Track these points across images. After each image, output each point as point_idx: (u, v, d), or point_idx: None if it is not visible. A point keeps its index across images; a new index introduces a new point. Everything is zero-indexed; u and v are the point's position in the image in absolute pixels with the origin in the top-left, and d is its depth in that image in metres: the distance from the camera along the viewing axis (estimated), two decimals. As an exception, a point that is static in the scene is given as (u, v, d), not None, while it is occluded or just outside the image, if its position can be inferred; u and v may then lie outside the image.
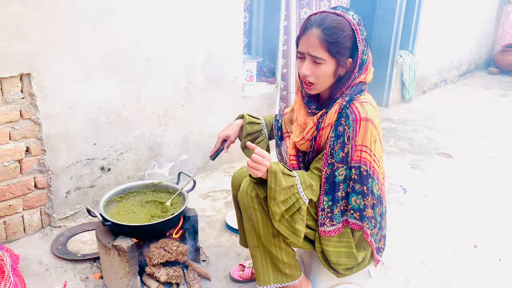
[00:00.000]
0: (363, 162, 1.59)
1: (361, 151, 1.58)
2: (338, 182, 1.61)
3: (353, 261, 1.70)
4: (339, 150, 1.59)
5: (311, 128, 1.69)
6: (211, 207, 2.75)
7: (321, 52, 1.56)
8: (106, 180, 2.60)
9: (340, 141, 1.58)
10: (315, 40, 1.55)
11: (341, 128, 1.59)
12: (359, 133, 1.56)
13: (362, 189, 1.61)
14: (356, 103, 1.60)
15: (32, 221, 2.36)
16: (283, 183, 1.52)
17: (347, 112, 1.59)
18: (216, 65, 2.95)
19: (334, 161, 1.60)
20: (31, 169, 2.27)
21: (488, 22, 7.03)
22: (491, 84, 6.61)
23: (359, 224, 1.65)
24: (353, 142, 1.57)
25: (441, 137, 4.26)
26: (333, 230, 1.65)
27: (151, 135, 2.74)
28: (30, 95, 2.16)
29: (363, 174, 1.60)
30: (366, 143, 1.58)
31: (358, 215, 1.64)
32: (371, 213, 1.65)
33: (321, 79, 1.61)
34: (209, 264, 2.22)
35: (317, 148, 1.69)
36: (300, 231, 1.60)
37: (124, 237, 1.86)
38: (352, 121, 1.57)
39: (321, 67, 1.58)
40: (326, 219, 1.64)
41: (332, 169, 1.61)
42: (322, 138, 1.65)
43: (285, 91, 3.68)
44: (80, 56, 2.27)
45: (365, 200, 1.62)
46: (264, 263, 1.73)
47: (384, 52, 4.96)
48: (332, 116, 1.62)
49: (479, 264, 2.31)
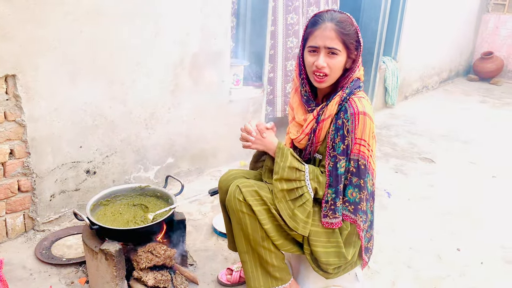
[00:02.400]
0: (361, 155, 1.63)
1: (360, 145, 1.63)
2: (340, 175, 1.65)
3: (342, 260, 1.73)
4: (339, 143, 1.63)
5: (311, 121, 1.72)
6: (197, 211, 2.74)
7: (337, 43, 1.62)
8: (91, 184, 2.57)
9: (340, 134, 1.63)
10: (331, 32, 1.61)
11: (340, 122, 1.63)
12: (358, 127, 1.61)
13: (359, 183, 1.65)
14: (354, 98, 1.65)
15: (15, 225, 2.31)
16: (289, 161, 1.63)
17: (346, 106, 1.64)
18: (204, 69, 2.95)
19: (336, 154, 1.64)
20: (15, 172, 2.23)
21: (467, 30, 7.20)
22: (470, 90, 6.76)
23: (352, 217, 1.69)
24: (352, 135, 1.62)
25: (423, 142, 4.34)
26: (336, 223, 1.69)
27: (137, 138, 2.72)
28: (15, 97, 2.12)
29: (361, 168, 1.64)
30: (365, 137, 1.62)
31: (352, 208, 1.68)
32: (365, 207, 1.69)
33: (334, 70, 1.66)
34: (196, 268, 2.21)
35: (315, 141, 1.72)
36: (298, 217, 1.64)
37: (111, 241, 1.84)
38: (350, 114, 1.61)
39: (336, 58, 1.64)
40: (330, 211, 1.68)
41: (335, 162, 1.65)
42: (322, 130, 1.69)
43: (272, 95, 3.70)
44: (67, 58, 2.25)
45: (361, 194, 1.67)
46: (254, 268, 1.74)
47: (368, 58, 5.03)
48: (333, 108, 1.66)
49: (462, 267, 2.36)
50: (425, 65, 6.26)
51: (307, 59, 1.69)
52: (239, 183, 1.67)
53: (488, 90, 6.87)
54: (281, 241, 1.69)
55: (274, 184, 1.63)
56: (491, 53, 7.28)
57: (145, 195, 2.15)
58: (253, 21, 3.45)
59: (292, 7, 3.56)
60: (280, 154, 1.64)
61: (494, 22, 7.42)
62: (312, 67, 1.66)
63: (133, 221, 1.97)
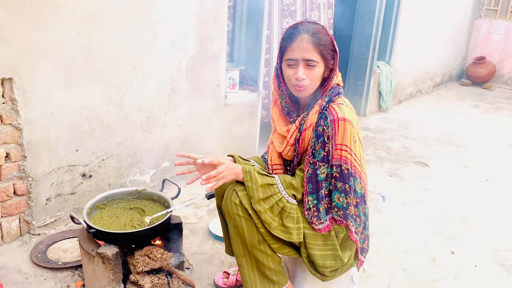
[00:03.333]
0: (343, 160, 1.64)
1: (341, 150, 1.64)
2: (321, 181, 1.66)
3: (339, 263, 1.74)
4: (320, 150, 1.64)
5: (293, 132, 1.74)
6: (194, 215, 2.74)
7: (315, 55, 1.64)
8: (87, 187, 2.57)
9: (321, 141, 1.64)
10: (308, 44, 1.63)
11: (321, 129, 1.64)
12: (338, 133, 1.62)
13: (344, 187, 1.66)
14: (333, 105, 1.67)
15: (10, 229, 2.31)
16: (259, 181, 1.63)
17: (325, 113, 1.65)
18: (200, 73, 2.96)
19: (316, 160, 1.65)
20: (11, 175, 2.22)
21: (460, 35, 7.28)
22: (464, 95, 6.83)
23: (344, 222, 1.71)
24: (333, 141, 1.63)
25: (417, 146, 4.37)
26: (323, 228, 1.70)
27: (133, 142, 2.72)
28: (12, 100, 2.12)
29: (345, 172, 1.65)
30: (346, 142, 1.63)
31: (342, 214, 1.69)
32: (355, 211, 1.71)
33: (313, 81, 1.69)
34: (193, 271, 2.21)
35: (300, 151, 1.73)
36: (290, 227, 1.65)
37: (108, 244, 1.84)
38: (330, 121, 1.62)
39: (315, 70, 1.67)
40: (314, 217, 1.69)
41: (314, 168, 1.66)
42: (305, 139, 1.71)
43: (267, 99, 3.72)
44: (63, 61, 2.25)
45: (348, 198, 1.68)
46: (251, 271, 1.75)
47: (362, 63, 5.07)
48: (313, 117, 1.68)
49: (456, 270, 2.38)
50: (419, 70, 6.32)
51: (286, 72, 1.71)
52: (235, 186, 1.68)
53: (481, 94, 6.94)
54: (277, 244, 1.70)
55: (256, 208, 1.62)
56: (483, 58, 7.36)
57: (141, 198, 2.15)
58: (248, 25, 3.47)
59: (288, 11, 3.59)
60: (248, 177, 1.64)
61: (487, 27, 7.50)
62: (292, 80, 1.69)
63: (130, 224, 1.96)
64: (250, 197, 1.62)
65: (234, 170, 1.68)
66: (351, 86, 5.18)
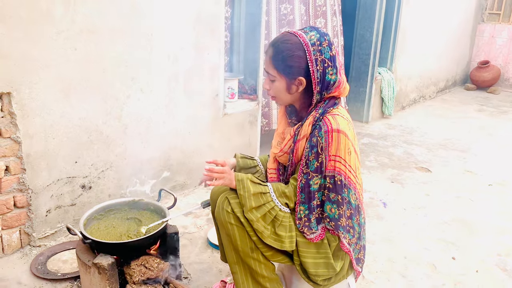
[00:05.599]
0: (337, 172, 1.64)
1: (335, 161, 1.63)
2: (313, 191, 1.66)
3: (331, 271, 1.73)
4: (313, 160, 1.64)
5: (288, 140, 1.75)
6: (193, 224, 2.75)
7: (272, 69, 1.68)
8: (87, 199, 2.59)
9: (314, 152, 1.64)
10: (268, 58, 1.69)
11: (315, 139, 1.64)
12: (332, 144, 1.62)
13: (337, 198, 1.66)
14: (328, 116, 1.66)
15: (11, 241, 2.33)
16: (252, 189, 1.64)
17: (320, 124, 1.65)
18: (198, 83, 2.99)
19: (309, 171, 1.65)
20: (11, 188, 2.25)
21: (463, 40, 7.26)
22: (468, 99, 6.79)
23: (336, 232, 1.70)
24: (326, 152, 1.62)
25: (420, 151, 4.35)
26: (315, 237, 1.70)
27: (133, 153, 2.75)
28: (10, 114, 2.16)
29: (338, 184, 1.65)
30: (340, 154, 1.63)
31: (333, 225, 1.69)
32: (347, 222, 1.70)
33: (278, 94, 1.73)
34: (190, 281, 2.21)
35: (295, 161, 1.74)
36: (282, 236, 1.66)
37: (104, 254, 1.86)
38: (324, 132, 1.62)
39: (275, 84, 1.71)
40: (305, 227, 1.68)
41: (307, 179, 1.66)
42: (299, 150, 1.71)
43: (267, 107, 3.74)
44: (61, 75, 2.29)
45: (340, 210, 1.67)
46: (245, 278, 1.75)
47: (363, 69, 5.08)
48: (307, 129, 1.68)
49: (457, 276, 2.36)
50: (422, 75, 6.30)
51: None
52: (227, 194, 1.70)
53: (486, 99, 6.89)
54: (270, 252, 1.70)
55: (248, 217, 1.63)
56: (487, 62, 7.32)
57: (138, 208, 2.16)
58: (246, 35, 3.50)
59: (285, 21, 3.62)
60: (241, 186, 1.65)
61: (490, 31, 7.47)
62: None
63: (126, 234, 1.98)
64: (242, 206, 1.63)
65: (230, 176, 1.70)
66: (353, 93, 5.19)
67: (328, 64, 1.64)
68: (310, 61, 1.62)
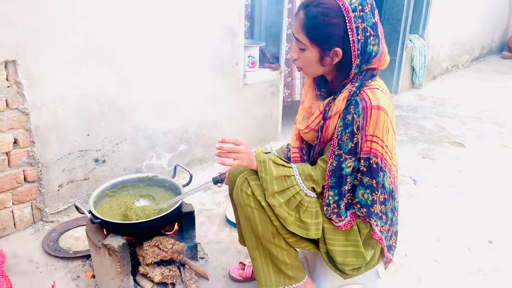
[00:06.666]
0: (373, 153, 1.45)
1: (372, 142, 1.44)
2: (345, 175, 1.48)
3: (361, 261, 1.58)
4: (347, 141, 1.45)
5: (317, 117, 1.56)
6: (211, 201, 2.62)
7: (302, 37, 1.46)
8: (101, 173, 2.48)
9: (349, 131, 1.44)
10: (298, 24, 1.46)
11: (350, 117, 1.44)
12: (370, 123, 1.42)
13: (371, 183, 1.48)
14: (367, 90, 1.45)
15: (22, 216, 2.25)
16: (274, 172, 1.47)
17: (357, 100, 1.44)
18: (216, 51, 2.80)
19: (342, 152, 1.46)
20: (20, 162, 2.15)
21: (500, 5, 6.78)
22: (505, 69, 6.39)
23: (367, 219, 1.53)
24: (363, 132, 1.43)
25: (452, 124, 4.09)
26: (344, 225, 1.54)
27: (148, 125, 2.61)
28: (16, 84, 2.03)
29: (373, 167, 1.46)
30: (378, 133, 1.44)
31: (365, 211, 1.51)
32: (381, 209, 1.52)
33: (307, 65, 1.52)
34: (207, 261, 2.10)
35: (323, 140, 1.55)
36: (307, 223, 1.50)
37: (115, 235, 1.74)
38: (362, 109, 1.42)
39: (304, 53, 1.49)
40: (333, 214, 1.52)
41: (339, 161, 1.47)
42: (329, 128, 1.51)
43: (290, 77, 3.53)
44: (70, 43, 2.14)
45: (374, 195, 1.49)
46: (265, 265, 1.61)
47: (393, 36, 4.77)
48: (340, 104, 1.48)
49: (495, 261, 2.17)
50: (455, 43, 5.93)
51: None
52: (247, 175, 1.53)
53: (524, 68, 6.48)
54: (294, 238, 1.55)
55: (270, 202, 1.47)
56: (527, 29, 6.86)
57: (152, 185, 2.03)
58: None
59: (310, -17, 3.35)
60: (263, 167, 1.47)
61: (531, -5, 6.96)
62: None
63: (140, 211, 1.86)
64: (263, 189, 1.47)
65: (250, 156, 1.52)
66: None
67: (370, 33, 1.42)
68: (350, 29, 1.40)
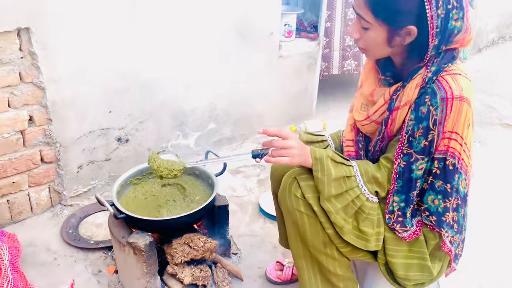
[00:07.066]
0: (450, 153, 1.19)
1: (450, 139, 1.18)
2: (415, 178, 1.23)
3: (426, 276, 1.35)
4: (420, 138, 1.19)
5: (380, 107, 1.28)
6: (242, 186, 2.40)
7: (366, 13, 1.19)
8: (124, 153, 2.27)
9: (423, 126, 1.18)
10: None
11: (425, 109, 1.17)
12: (450, 116, 1.15)
13: (444, 187, 1.23)
14: (446, 76, 1.18)
15: (40, 199, 2.07)
16: (333, 173, 1.22)
17: (434, 88, 1.17)
18: (250, 19, 2.50)
19: (413, 152, 1.21)
20: (36, 141, 1.95)
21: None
22: (554, 41, 5.87)
23: (436, 229, 1.28)
24: (440, 127, 1.17)
25: (503, 104, 3.73)
26: (409, 236, 1.30)
27: (175, 102, 2.37)
28: (31, 54, 1.80)
29: (448, 169, 1.21)
30: (458, 129, 1.17)
31: (434, 220, 1.27)
32: (453, 216, 1.27)
33: (372, 47, 1.25)
34: (240, 258, 1.89)
35: (388, 135, 1.28)
36: (367, 233, 1.27)
37: (141, 231, 1.54)
38: (440, 100, 1.15)
39: (368, 33, 1.22)
40: (396, 224, 1.27)
41: (409, 161, 1.22)
42: (396, 121, 1.25)
43: (327, 48, 3.21)
44: (91, 9, 1.88)
45: (446, 202, 1.24)
46: (313, 276, 1.39)
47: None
48: (411, 93, 1.20)
49: None
50: (503, 12, 5.43)
51: None
52: (296, 174, 1.29)
53: None
54: (349, 248, 1.31)
55: (325, 206, 1.23)
56: None
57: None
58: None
59: None
60: (319, 166, 1.23)
61: None
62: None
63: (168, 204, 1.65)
64: (318, 192, 1.23)
65: (304, 151, 1.26)
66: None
67: (453, 5, 1.12)
68: (428, 2, 1.11)
